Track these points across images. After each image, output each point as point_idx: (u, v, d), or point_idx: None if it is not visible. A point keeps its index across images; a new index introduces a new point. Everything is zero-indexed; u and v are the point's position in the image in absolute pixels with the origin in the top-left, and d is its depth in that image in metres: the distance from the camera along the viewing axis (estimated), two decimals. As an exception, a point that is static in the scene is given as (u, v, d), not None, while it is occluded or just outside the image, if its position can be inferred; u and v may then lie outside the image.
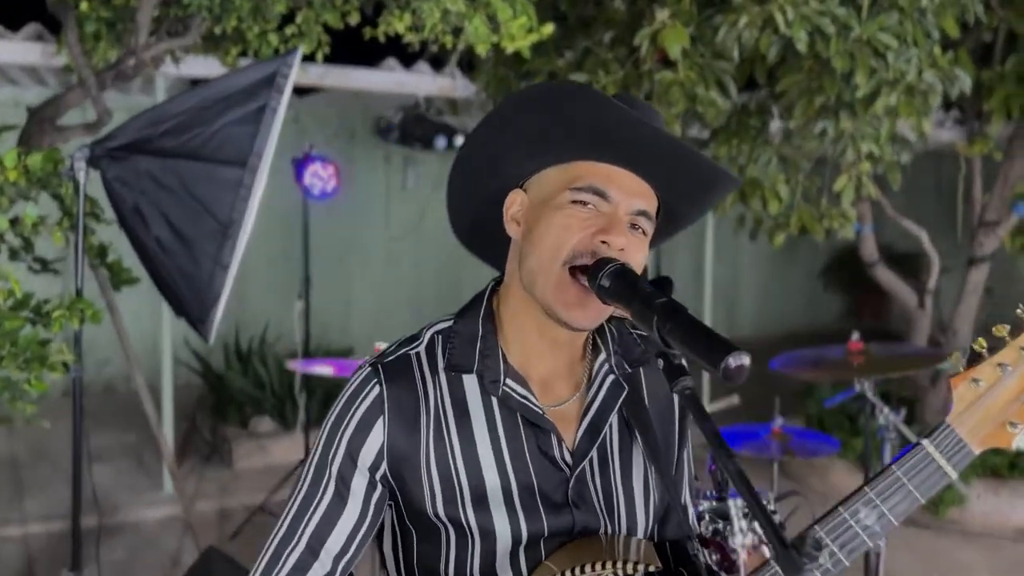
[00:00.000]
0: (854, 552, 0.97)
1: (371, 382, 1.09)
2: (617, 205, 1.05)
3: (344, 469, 1.07)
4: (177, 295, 2.30)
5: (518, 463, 1.07)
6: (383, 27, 3.29)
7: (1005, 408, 0.99)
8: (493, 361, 1.10)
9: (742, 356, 0.83)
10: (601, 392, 1.13)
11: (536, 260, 1.07)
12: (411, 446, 1.07)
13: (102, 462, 5.14)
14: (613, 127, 1.02)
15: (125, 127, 2.31)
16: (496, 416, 1.09)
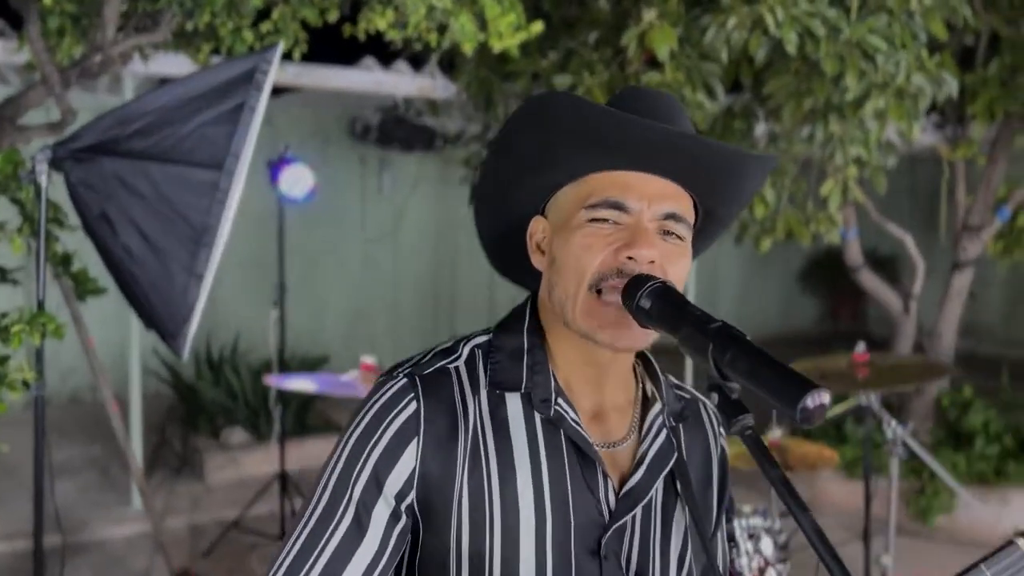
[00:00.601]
0: None
1: (407, 395, 0.95)
2: (639, 214, 0.93)
3: (368, 494, 0.93)
4: (147, 307, 2.15)
5: (558, 498, 0.95)
6: (363, 24, 3.15)
7: None
8: (543, 378, 0.97)
9: (822, 394, 0.72)
10: (655, 446, 1.01)
11: (562, 289, 0.96)
12: (445, 473, 0.93)
13: (67, 477, 4.94)
14: (617, 131, 0.91)
15: (91, 126, 2.16)
16: (540, 442, 0.96)
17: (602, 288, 0.92)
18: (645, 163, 0.94)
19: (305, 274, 7.15)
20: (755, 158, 0.97)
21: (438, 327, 8.01)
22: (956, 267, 5.24)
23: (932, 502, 4.60)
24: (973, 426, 5.04)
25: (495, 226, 1.06)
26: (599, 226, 0.93)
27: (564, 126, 0.93)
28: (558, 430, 0.97)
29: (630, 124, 0.90)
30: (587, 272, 0.93)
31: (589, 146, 0.93)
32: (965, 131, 5.30)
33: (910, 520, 4.73)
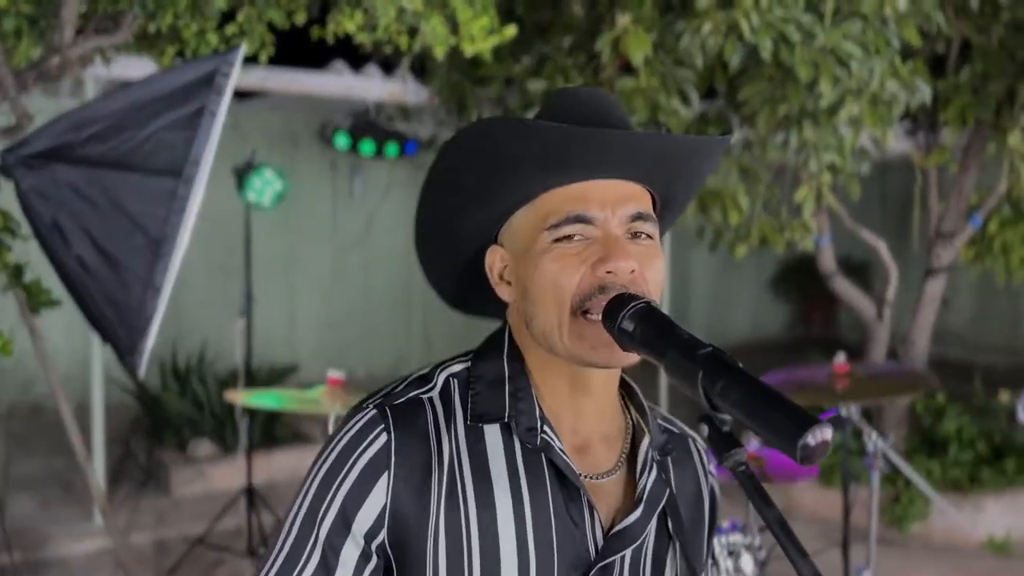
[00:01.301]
0: None
1: (377, 427, 0.89)
2: (606, 222, 0.87)
3: (335, 534, 0.87)
4: (103, 321, 2.05)
5: (541, 536, 0.88)
6: (332, 27, 3.08)
7: None
8: (527, 405, 0.91)
9: (824, 431, 0.66)
10: (649, 481, 0.94)
11: (544, 319, 0.89)
12: (419, 510, 0.87)
13: (27, 491, 4.79)
14: (572, 145, 0.85)
15: (43, 131, 2.06)
16: (521, 477, 0.89)
17: (588, 309, 0.86)
18: (602, 170, 0.88)
19: (274, 281, 7.02)
20: (708, 141, 0.92)
21: (410, 335, 7.92)
22: (929, 274, 5.25)
23: (908, 510, 4.59)
24: (947, 433, 5.05)
25: (443, 263, 0.99)
26: (567, 245, 0.87)
27: (512, 151, 0.86)
28: (540, 462, 0.90)
29: (584, 136, 0.84)
30: (567, 296, 0.86)
31: (542, 167, 0.87)
32: (937, 138, 5.32)
33: (886, 528, 4.72)
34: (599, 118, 0.89)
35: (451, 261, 0.98)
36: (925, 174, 5.40)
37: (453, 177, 0.91)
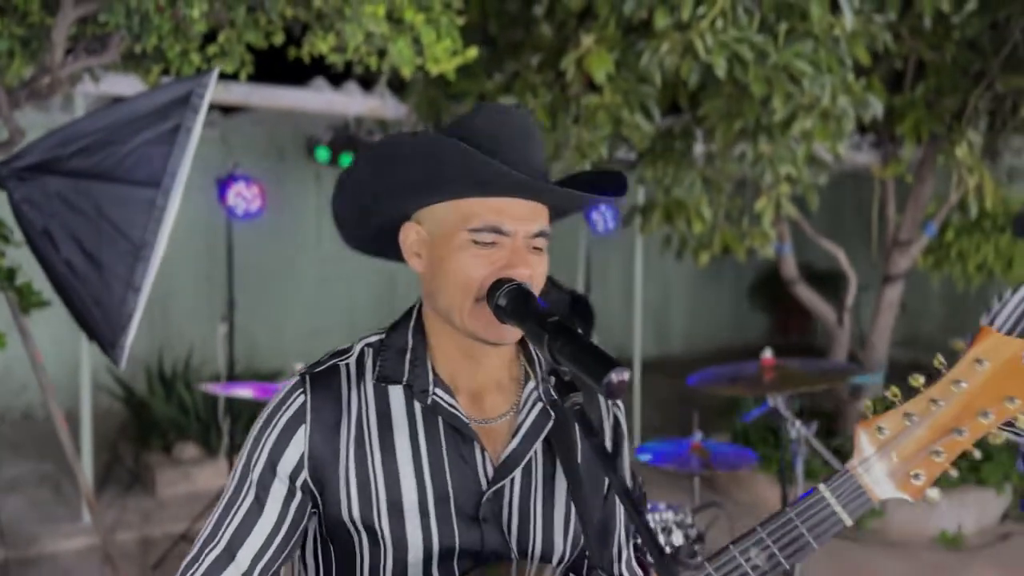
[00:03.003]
0: None
1: (297, 391, 1.12)
2: (515, 235, 1.08)
3: (264, 476, 1.10)
4: (88, 319, 2.25)
5: (436, 473, 1.10)
6: (307, 48, 3.28)
7: (910, 459, 0.99)
8: (422, 371, 1.13)
9: (623, 372, 0.87)
10: (530, 418, 1.15)
11: (448, 298, 1.10)
12: (331, 454, 1.09)
13: (18, 492, 4.96)
14: (489, 179, 1.05)
15: (34, 146, 2.26)
16: (419, 427, 1.11)
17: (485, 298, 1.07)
18: (521, 195, 1.08)
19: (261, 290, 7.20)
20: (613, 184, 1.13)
21: (394, 342, 8.08)
22: (887, 280, 5.47)
23: (863, 505, 4.79)
24: (905, 433, 5.25)
25: (360, 218, 1.18)
26: (481, 248, 1.07)
27: (454, 169, 1.05)
28: (436, 415, 1.11)
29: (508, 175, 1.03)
30: (473, 287, 1.07)
31: (480, 183, 1.06)
32: (896, 151, 5.55)
33: (843, 523, 4.91)
34: (521, 143, 1.08)
35: (368, 220, 1.17)
36: (884, 185, 5.63)
37: (403, 166, 1.08)
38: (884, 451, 1.00)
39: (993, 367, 1.00)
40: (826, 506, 0.98)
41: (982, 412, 0.99)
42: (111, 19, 2.94)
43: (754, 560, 0.97)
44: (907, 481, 1.00)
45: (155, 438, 5.40)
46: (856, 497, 0.99)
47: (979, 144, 4.86)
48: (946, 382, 1.00)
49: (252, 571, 1.09)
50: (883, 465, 1.00)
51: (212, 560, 1.09)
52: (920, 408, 1.00)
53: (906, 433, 1.00)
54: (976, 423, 0.99)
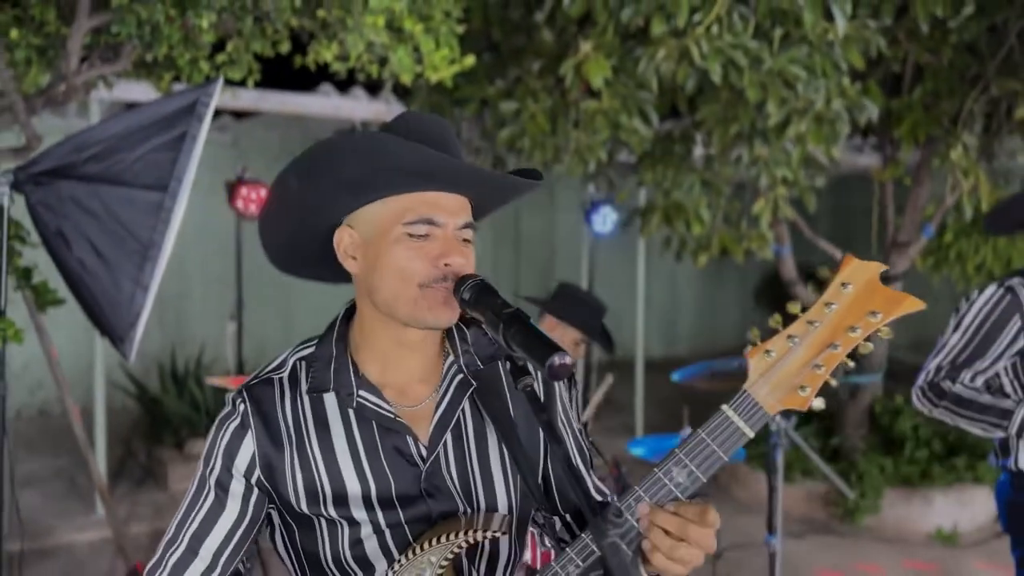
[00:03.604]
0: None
1: (237, 402, 1.24)
2: (446, 226, 1.18)
3: (222, 477, 1.22)
4: (99, 315, 2.37)
5: (376, 467, 1.21)
6: (312, 56, 3.40)
7: (796, 374, 1.11)
8: (345, 377, 1.23)
9: (565, 356, 0.98)
10: (450, 390, 1.26)
11: (390, 291, 1.18)
12: (277, 456, 1.21)
13: (35, 486, 5.10)
14: (433, 168, 1.15)
15: (49, 152, 2.39)
16: (354, 428, 1.22)
17: (428, 286, 1.17)
18: (450, 188, 1.19)
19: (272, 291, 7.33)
20: (518, 182, 1.24)
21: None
22: (885, 282, 5.52)
23: (859, 503, 4.86)
24: (903, 432, 5.33)
25: (291, 235, 1.27)
26: (414, 241, 1.17)
27: (395, 162, 1.15)
28: (366, 415, 1.22)
29: (443, 161, 1.15)
30: (415, 277, 1.17)
31: (415, 175, 1.17)
32: (895, 153, 5.62)
33: (839, 521, 4.99)
34: (442, 143, 1.19)
35: (299, 234, 1.26)
36: (883, 187, 5.70)
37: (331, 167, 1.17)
38: (773, 370, 1.11)
39: (856, 289, 1.12)
40: (730, 423, 1.10)
41: (851, 327, 1.12)
42: (123, 29, 3.06)
43: (676, 478, 1.09)
44: (795, 393, 1.11)
45: (167, 434, 5.54)
46: (755, 412, 1.10)
47: (975, 147, 4.93)
48: (819, 305, 1.12)
49: (216, 564, 1.21)
50: (774, 382, 1.11)
51: (178, 557, 1.21)
52: (800, 330, 1.12)
53: (791, 353, 1.12)
54: (847, 337, 1.11)
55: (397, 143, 1.14)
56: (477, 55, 5.08)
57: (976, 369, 2.26)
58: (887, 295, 1.12)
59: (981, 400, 2.23)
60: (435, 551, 1.17)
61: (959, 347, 2.28)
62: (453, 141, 1.22)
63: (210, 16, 3.16)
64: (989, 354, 2.25)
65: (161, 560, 1.22)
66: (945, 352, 2.30)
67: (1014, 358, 2.27)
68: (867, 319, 1.11)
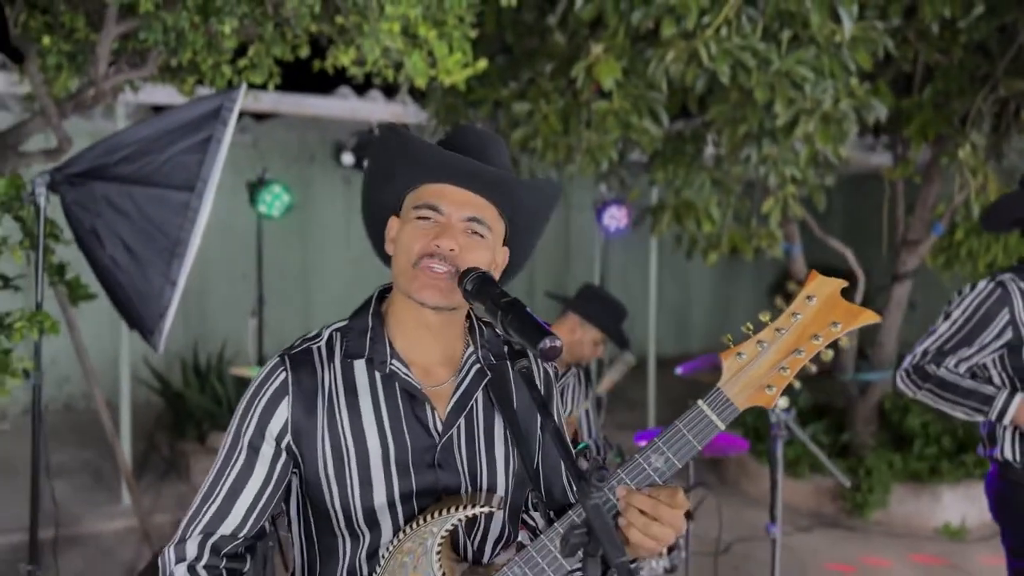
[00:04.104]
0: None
1: (278, 369, 1.34)
2: (449, 215, 1.31)
3: (255, 440, 1.32)
4: (130, 309, 2.50)
5: (396, 430, 1.32)
6: (331, 60, 3.52)
7: (764, 375, 1.25)
8: (380, 346, 1.36)
9: (555, 340, 1.09)
10: (468, 377, 1.38)
11: (397, 265, 1.35)
12: (309, 420, 1.31)
13: (62, 477, 5.25)
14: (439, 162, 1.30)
15: (84, 155, 2.52)
16: (380, 394, 1.34)
17: (419, 264, 1.30)
18: (456, 181, 1.32)
19: (293, 288, 7.49)
20: (522, 183, 1.35)
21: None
22: (896, 279, 5.59)
23: (868, 498, 4.93)
24: (912, 428, 5.38)
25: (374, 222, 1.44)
26: (421, 222, 1.32)
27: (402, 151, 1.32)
28: (394, 383, 1.34)
29: (443, 155, 1.29)
30: (412, 253, 1.31)
31: (419, 165, 1.32)
32: (906, 152, 5.67)
33: (848, 515, 5.06)
34: (477, 150, 1.33)
35: (375, 226, 1.44)
36: (893, 186, 5.75)
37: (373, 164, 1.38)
38: (744, 371, 1.26)
39: (819, 301, 1.27)
40: (704, 416, 1.24)
41: (814, 335, 1.26)
42: (150, 36, 3.20)
43: (654, 464, 1.23)
44: (762, 392, 1.26)
45: (190, 428, 5.69)
46: (726, 407, 1.24)
47: (983, 146, 4.97)
48: (787, 315, 1.27)
49: (246, 523, 1.32)
50: (744, 381, 1.25)
51: (212, 513, 1.31)
52: (768, 336, 1.27)
53: (760, 355, 1.26)
54: (810, 344, 1.26)
55: (416, 142, 1.30)
56: (491, 58, 5.21)
57: (961, 356, 2.34)
58: (847, 308, 1.25)
59: (964, 385, 2.31)
60: (437, 523, 1.29)
61: (947, 335, 2.36)
62: (494, 151, 1.35)
63: (232, 22, 3.29)
64: (975, 343, 2.33)
65: (198, 512, 1.31)
66: (933, 339, 2.38)
67: (1001, 350, 2.34)
68: (829, 329, 1.25)
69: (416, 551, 1.29)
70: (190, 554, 1.30)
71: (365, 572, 1.33)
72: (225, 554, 1.31)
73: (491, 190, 1.33)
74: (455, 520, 1.28)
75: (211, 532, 1.31)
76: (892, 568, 4.46)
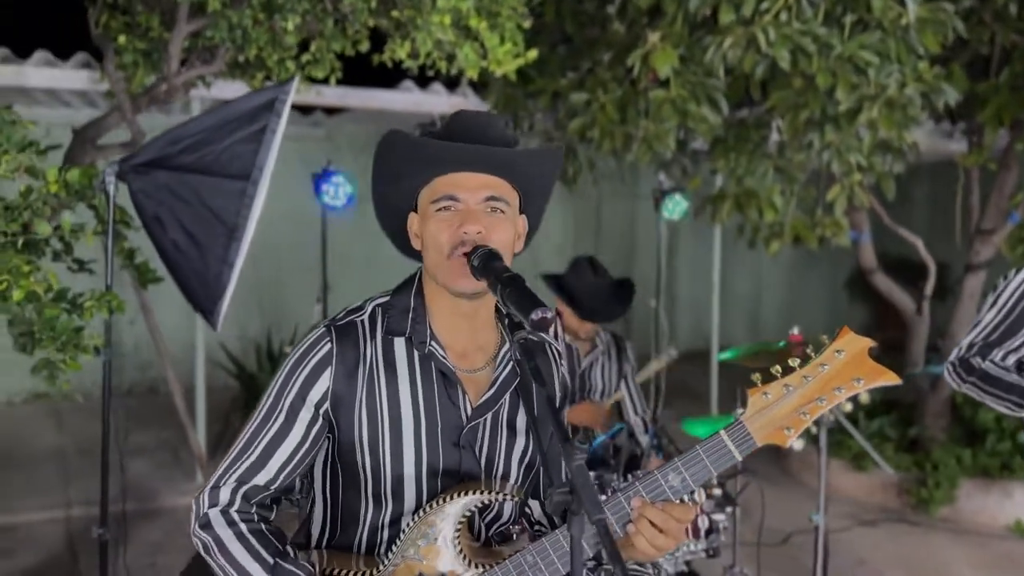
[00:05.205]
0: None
1: (324, 339, 1.41)
2: (467, 200, 1.37)
3: (295, 404, 1.39)
4: (191, 291, 2.66)
5: (429, 405, 1.40)
6: (388, 54, 3.63)
7: (785, 417, 1.33)
8: (421, 326, 1.43)
9: (546, 311, 1.15)
10: (504, 372, 1.45)
11: (430, 260, 1.40)
12: (350, 390, 1.39)
13: (143, 456, 5.55)
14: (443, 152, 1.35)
15: (148, 146, 2.68)
16: (417, 371, 1.41)
17: (452, 254, 1.36)
18: (465, 168, 1.37)
19: (356, 276, 7.66)
20: (527, 155, 1.40)
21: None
22: (969, 269, 5.42)
23: (934, 493, 4.81)
24: (985, 423, 5.21)
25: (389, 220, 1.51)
26: (443, 214, 1.37)
27: (413, 154, 1.38)
28: (431, 363, 1.41)
29: (450, 148, 1.35)
30: (442, 245, 1.36)
31: (427, 162, 1.38)
32: (981, 138, 5.47)
33: (911, 510, 4.94)
34: (479, 132, 1.38)
35: (391, 223, 1.50)
36: (967, 173, 5.56)
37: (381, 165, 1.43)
38: (767, 409, 1.34)
39: (847, 356, 1.35)
40: (723, 445, 1.33)
41: (837, 387, 1.35)
42: (216, 33, 3.36)
43: (671, 482, 1.33)
44: (780, 432, 1.34)
45: (262, 410, 5.91)
46: (745, 440, 1.33)
47: (1063, 130, 4.78)
48: (815, 364, 1.36)
49: (277, 477, 1.39)
50: (766, 419, 1.34)
51: (248, 465, 1.39)
52: (795, 381, 1.36)
53: (784, 398, 1.35)
54: (832, 394, 1.35)
55: (422, 141, 1.37)
56: (551, 48, 5.26)
57: (1008, 348, 2.28)
58: (872, 367, 1.34)
59: (1008, 379, 2.25)
60: (459, 503, 1.37)
61: (992, 325, 2.31)
62: (495, 130, 1.40)
63: (294, 18, 3.43)
64: (1021, 333, 2.27)
65: (235, 462, 1.40)
66: (979, 329, 2.33)
67: None
68: (851, 383, 1.34)
69: (438, 524, 1.37)
70: (223, 499, 1.38)
71: (386, 537, 1.41)
72: (255, 502, 1.40)
73: (501, 168, 1.38)
74: (477, 502, 1.36)
75: (245, 481, 1.39)
76: (956, 565, 4.35)
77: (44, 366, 2.32)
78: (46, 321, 2.26)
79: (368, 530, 1.43)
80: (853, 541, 4.51)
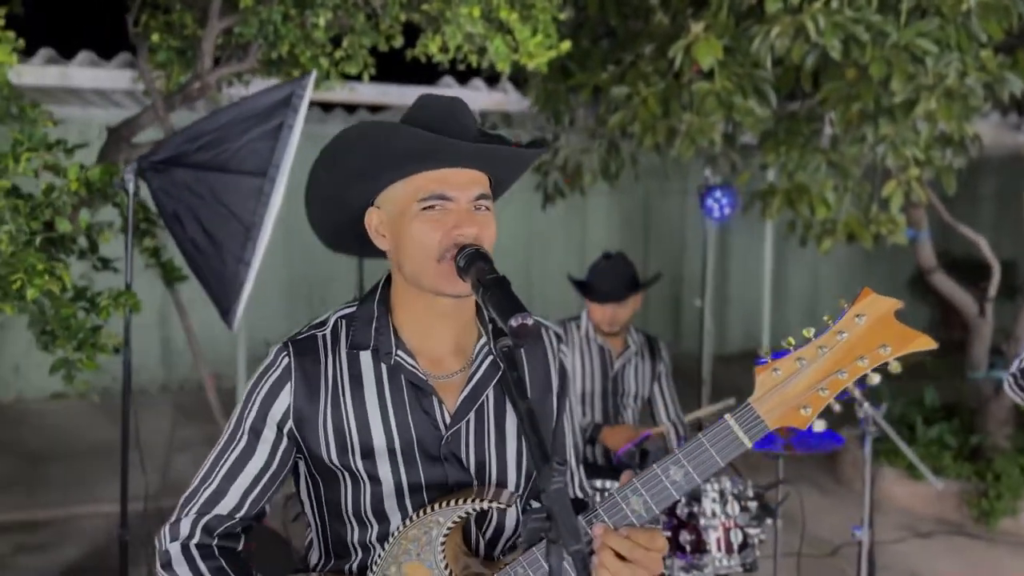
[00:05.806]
0: (663, 501, 1.17)
1: (282, 355, 1.33)
2: (458, 199, 1.26)
3: (256, 425, 1.32)
4: (208, 289, 2.62)
5: (401, 422, 1.30)
6: (420, 49, 3.56)
7: (800, 395, 1.15)
8: (386, 337, 1.32)
9: (526, 317, 1.05)
10: (480, 369, 1.34)
11: (413, 264, 1.27)
12: (312, 408, 1.30)
13: (187, 450, 5.61)
14: (431, 148, 1.23)
15: (166, 143, 2.65)
16: (386, 385, 1.32)
17: (444, 257, 1.25)
18: (458, 164, 1.26)
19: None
20: (517, 152, 1.30)
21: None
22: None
23: (995, 504, 4.56)
24: (1054, 431, 4.94)
25: (331, 219, 1.39)
26: (431, 213, 1.25)
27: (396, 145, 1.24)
28: (399, 375, 1.32)
29: (437, 141, 1.22)
30: (432, 248, 1.25)
31: (418, 157, 1.25)
32: (1051, 130, 5.19)
33: (972, 522, 4.69)
34: (455, 122, 1.26)
35: (335, 219, 1.38)
36: (1036, 167, 5.27)
37: (348, 158, 1.28)
38: (779, 388, 1.16)
39: (869, 321, 1.15)
40: (730, 432, 1.16)
41: (860, 357, 1.15)
42: (246, 30, 3.34)
43: (672, 476, 1.16)
44: (796, 412, 1.16)
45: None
46: (755, 425, 1.16)
47: None
48: (831, 333, 1.16)
49: (242, 505, 1.32)
50: (778, 399, 1.16)
51: (208, 495, 1.32)
52: (809, 354, 1.16)
53: (797, 373, 1.16)
54: (855, 366, 1.15)
55: (397, 130, 1.23)
56: (594, 41, 5.13)
57: None
58: (900, 331, 1.14)
59: None
60: (444, 513, 1.27)
61: None
62: (467, 118, 1.29)
63: (325, 14, 3.39)
64: None
65: (195, 493, 1.33)
66: None
67: None
68: (877, 351, 1.14)
69: (421, 539, 1.28)
70: (183, 533, 1.32)
71: (378, 551, 1.33)
72: (218, 534, 1.33)
73: (489, 164, 1.29)
74: (462, 512, 1.26)
75: (205, 512, 1.33)
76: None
77: (61, 365, 2.31)
78: (62, 320, 2.24)
79: (360, 551, 1.35)
80: (907, 554, 4.30)
